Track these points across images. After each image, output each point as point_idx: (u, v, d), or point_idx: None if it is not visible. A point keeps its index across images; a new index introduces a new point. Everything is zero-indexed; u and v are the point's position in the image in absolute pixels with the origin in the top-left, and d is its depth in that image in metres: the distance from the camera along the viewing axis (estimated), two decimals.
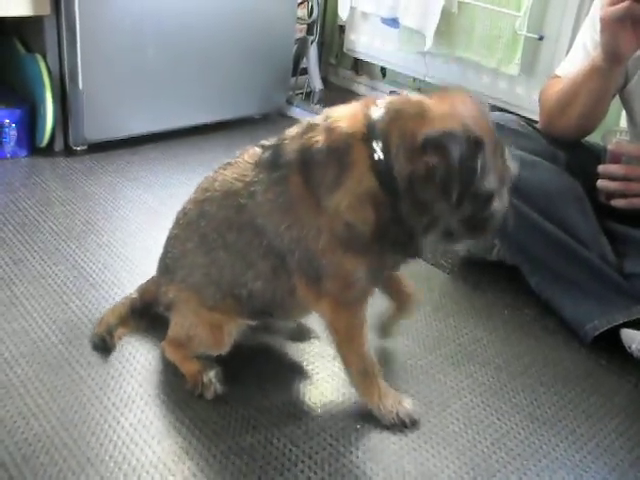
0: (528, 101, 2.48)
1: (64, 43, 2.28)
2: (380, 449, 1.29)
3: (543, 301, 1.76)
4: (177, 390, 1.38)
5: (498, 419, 1.40)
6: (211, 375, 1.38)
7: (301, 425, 1.33)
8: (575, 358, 1.61)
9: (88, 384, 1.37)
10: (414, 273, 1.88)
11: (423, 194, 1.15)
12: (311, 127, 1.23)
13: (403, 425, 1.34)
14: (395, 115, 1.16)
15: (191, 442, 1.26)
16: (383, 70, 3.30)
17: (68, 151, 2.44)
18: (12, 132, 2.33)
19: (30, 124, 2.39)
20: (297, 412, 1.36)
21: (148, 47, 2.42)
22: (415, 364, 1.53)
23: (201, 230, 1.34)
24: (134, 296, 1.55)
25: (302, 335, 1.59)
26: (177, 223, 1.41)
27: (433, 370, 1.52)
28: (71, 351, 1.46)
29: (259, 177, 1.26)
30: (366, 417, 1.36)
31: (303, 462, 1.24)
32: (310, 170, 1.20)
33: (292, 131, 1.28)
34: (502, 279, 1.89)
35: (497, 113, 1.79)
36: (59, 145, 2.43)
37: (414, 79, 3.07)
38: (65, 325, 1.54)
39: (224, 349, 1.38)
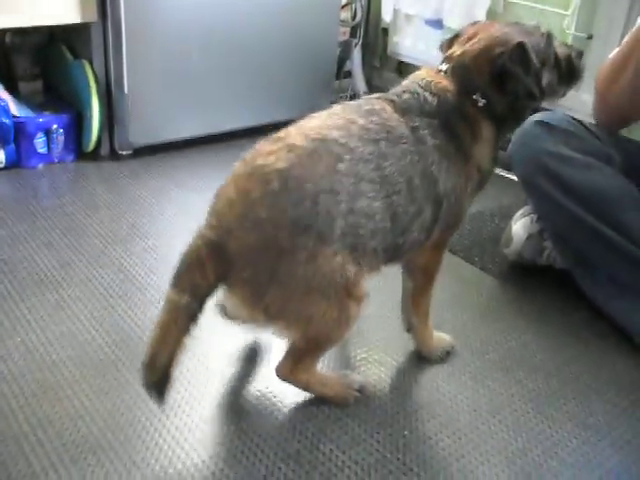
0: (577, 102, 2.42)
1: (110, 49, 2.31)
2: (428, 456, 1.27)
3: (595, 305, 1.71)
4: (223, 394, 1.38)
5: (549, 427, 1.37)
6: (358, 379, 1.41)
7: (348, 431, 1.31)
8: (628, 364, 1.57)
9: (135, 387, 1.38)
10: (463, 277, 1.86)
11: (521, 100, 1.34)
12: (420, 86, 1.32)
13: (448, 355, 1.53)
14: (461, 65, 1.34)
15: (237, 446, 1.25)
16: None
17: (114, 155, 2.46)
18: (59, 137, 2.36)
19: (77, 129, 2.42)
20: (344, 417, 1.34)
21: (192, 51, 2.43)
22: (463, 369, 1.50)
23: (383, 171, 1.21)
24: (184, 300, 1.16)
25: (347, 340, 1.57)
26: (337, 158, 1.17)
27: (481, 376, 1.49)
28: (117, 354, 1.47)
29: (417, 122, 1.28)
30: (414, 423, 1.34)
31: (349, 468, 1.23)
32: (452, 123, 1.31)
33: (396, 91, 1.33)
34: (551, 283, 1.85)
35: (547, 112, 1.75)
36: (105, 150, 2.46)
37: None
38: (111, 328, 1.55)
39: (365, 305, 1.27)
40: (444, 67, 1.36)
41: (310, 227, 1.13)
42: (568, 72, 1.41)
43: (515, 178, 1.91)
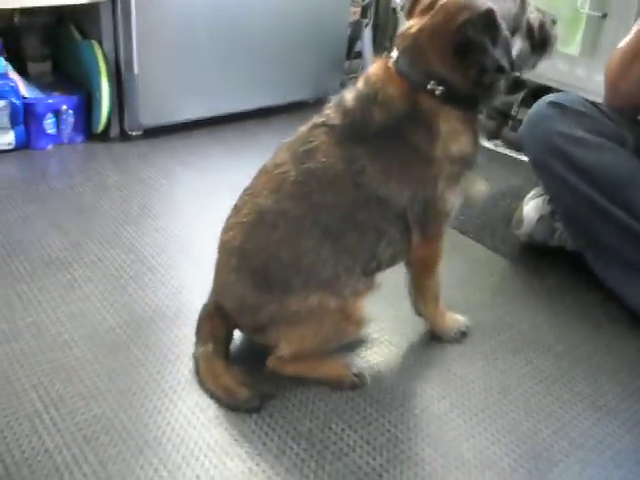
0: (589, 83, 2.40)
1: (120, 29, 2.30)
2: (439, 435, 1.27)
3: (606, 287, 1.70)
4: (246, 372, 1.37)
5: (560, 407, 1.36)
6: (358, 363, 1.41)
7: (359, 410, 1.31)
8: (639, 346, 1.56)
9: (146, 367, 1.38)
10: (473, 258, 1.86)
11: (488, 75, 1.22)
12: (368, 98, 1.26)
13: (463, 336, 1.53)
14: (414, 50, 1.24)
15: (249, 426, 1.26)
16: None
17: (124, 136, 2.46)
18: (69, 118, 2.36)
19: (86, 110, 2.42)
20: (355, 397, 1.35)
21: (202, 33, 2.42)
22: (474, 350, 1.50)
23: (321, 223, 1.27)
24: (210, 348, 1.35)
25: None
26: (272, 227, 1.28)
27: (492, 356, 1.49)
28: (129, 334, 1.48)
29: (356, 152, 1.26)
30: (425, 403, 1.34)
31: (361, 447, 1.23)
32: (402, 135, 1.25)
33: (347, 102, 1.28)
34: (563, 265, 1.85)
35: (560, 94, 1.74)
36: (115, 130, 2.46)
37: None
38: (122, 308, 1.56)
39: (365, 327, 1.39)
40: (395, 55, 1.27)
41: (270, 287, 1.29)
42: (541, 41, 1.32)
43: (526, 159, 1.90)
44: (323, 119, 1.30)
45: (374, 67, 1.31)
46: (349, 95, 1.29)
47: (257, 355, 1.37)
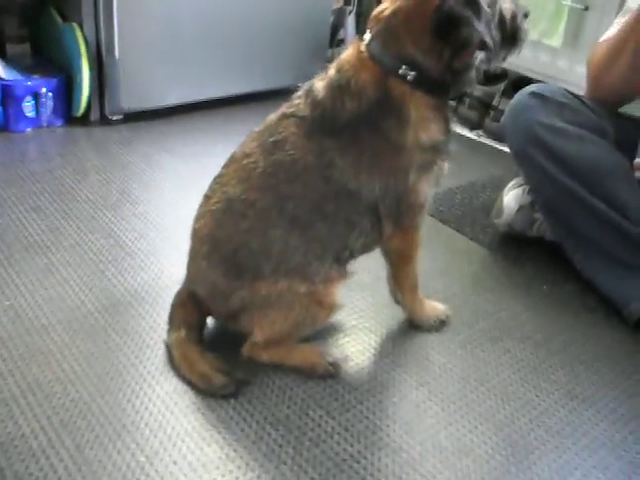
0: (571, 75, 2.42)
1: (100, 12, 2.27)
2: (417, 423, 1.28)
3: (584, 278, 1.72)
4: (220, 359, 1.37)
5: (537, 396, 1.38)
6: (334, 353, 1.41)
7: (338, 397, 1.32)
8: (616, 337, 1.58)
9: (124, 352, 1.38)
10: (454, 247, 1.87)
11: (462, 59, 1.22)
12: (339, 87, 1.24)
13: (442, 325, 1.53)
14: (387, 33, 1.24)
15: (227, 412, 1.26)
16: None
17: (104, 120, 2.44)
18: (48, 101, 2.33)
19: (66, 93, 2.39)
20: (334, 384, 1.35)
21: (185, 17, 2.40)
22: (453, 338, 1.51)
23: (289, 213, 1.27)
24: (182, 334, 1.35)
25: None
26: (241, 217, 1.28)
27: (471, 345, 1.50)
28: (107, 319, 1.47)
29: (326, 145, 1.24)
30: (403, 391, 1.34)
31: (339, 434, 1.23)
32: (373, 124, 1.24)
33: (317, 92, 1.27)
34: (542, 255, 1.86)
35: (542, 84, 1.75)
36: (95, 114, 2.43)
37: None
38: (101, 293, 1.55)
39: (337, 312, 1.39)
40: (367, 38, 1.26)
41: (241, 273, 1.30)
42: (511, 33, 1.27)
43: (506, 149, 1.90)
44: (293, 109, 1.29)
45: (347, 53, 1.30)
46: (320, 84, 1.28)
47: (232, 342, 1.37)
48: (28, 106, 2.30)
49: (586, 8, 2.37)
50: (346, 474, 1.16)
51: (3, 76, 2.27)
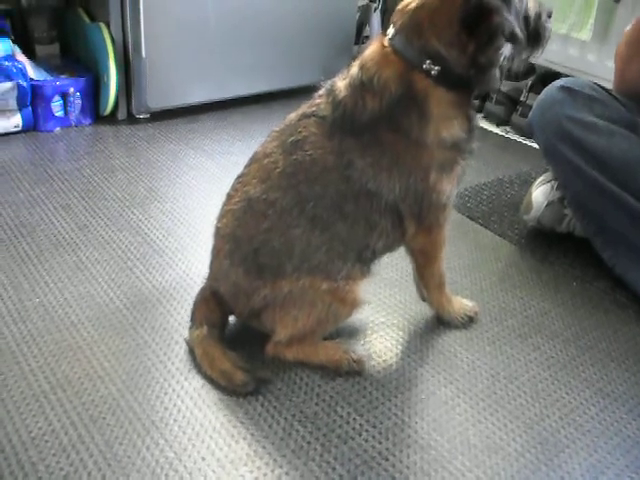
0: (600, 69, 2.38)
1: (127, 12, 2.29)
2: (445, 420, 1.27)
3: (615, 274, 1.70)
4: (242, 357, 1.37)
5: (567, 393, 1.36)
6: (357, 350, 1.40)
7: (365, 394, 1.31)
8: None
9: (152, 349, 1.38)
10: (481, 244, 1.86)
11: (487, 54, 1.18)
12: (362, 84, 1.23)
13: (470, 322, 1.52)
14: (412, 27, 1.21)
15: (255, 408, 1.26)
16: None
17: (131, 119, 2.46)
18: (76, 101, 2.36)
19: (94, 93, 2.42)
20: (361, 381, 1.35)
21: (210, 16, 2.41)
22: (481, 335, 1.50)
23: (309, 213, 1.26)
24: (204, 331, 1.34)
25: (365, 305, 1.56)
26: (262, 216, 1.28)
27: (500, 342, 1.48)
28: (135, 315, 1.48)
29: (346, 145, 1.24)
30: (431, 388, 1.34)
31: (367, 431, 1.23)
32: (394, 122, 1.22)
33: (339, 91, 1.25)
34: (571, 251, 1.84)
35: (570, 78, 1.73)
36: (122, 113, 2.45)
37: None
38: (129, 290, 1.56)
39: (360, 309, 1.38)
40: (391, 33, 1.24)
41: (262, 272, 1.30)
42: (534, 33, 1.25)
43: (534, 145, 1.88)
44: (313, 109, 1.28)
45: (370, 48, 1.28)
46: (341, 83, 1.27)
47: (255, 340, 1.37)
48: (56, 106, 2.33)
49: (617, 0, 2.33)
50: (374, 471, 1.15)
51: (33, 76, 2.29)
